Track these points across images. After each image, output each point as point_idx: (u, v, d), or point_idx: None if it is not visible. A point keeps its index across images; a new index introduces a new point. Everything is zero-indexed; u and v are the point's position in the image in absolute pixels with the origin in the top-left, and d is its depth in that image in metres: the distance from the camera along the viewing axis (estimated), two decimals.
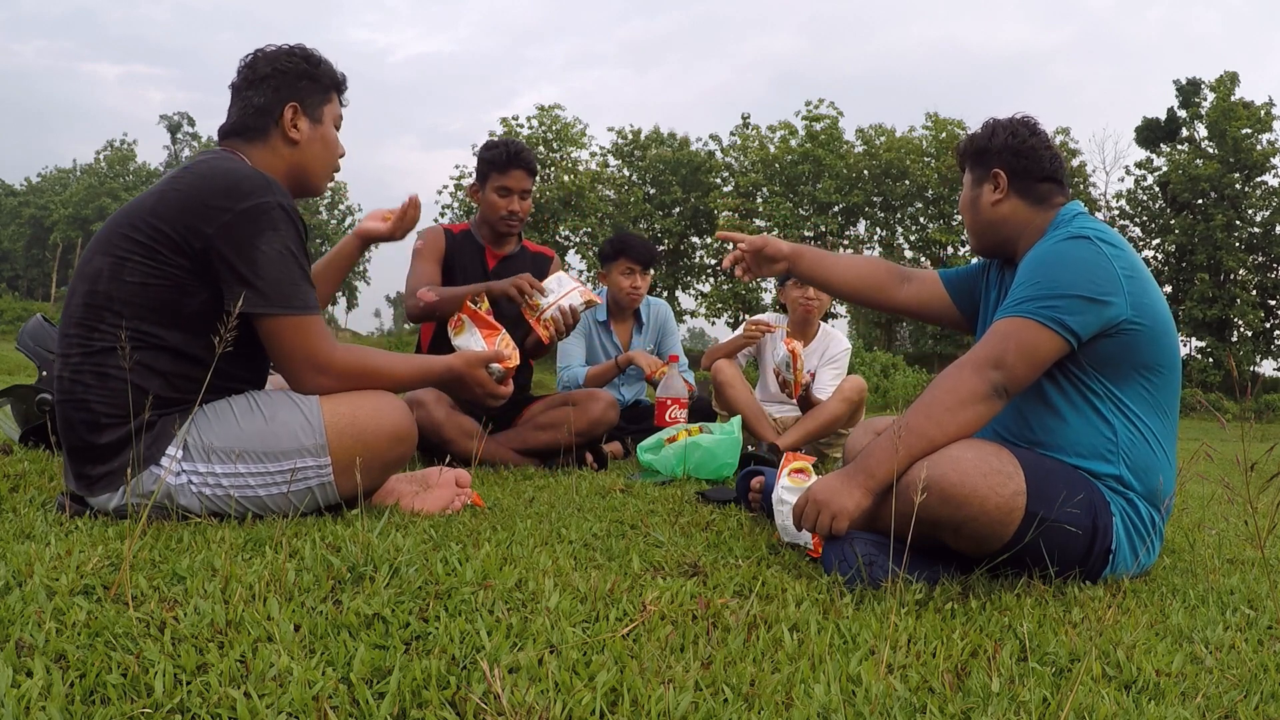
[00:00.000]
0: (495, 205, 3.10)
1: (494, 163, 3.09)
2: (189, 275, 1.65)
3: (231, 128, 1.86)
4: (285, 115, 1.84)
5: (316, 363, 1.72)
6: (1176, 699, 1.09)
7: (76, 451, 1.67)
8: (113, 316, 1.63)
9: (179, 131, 53.90)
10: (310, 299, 1.73)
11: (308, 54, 1.91)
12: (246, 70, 1.87)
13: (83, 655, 0.95)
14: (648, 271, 3.85)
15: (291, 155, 1.87)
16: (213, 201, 1.64)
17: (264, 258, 1.65)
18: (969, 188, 1.92)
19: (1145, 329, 1.63)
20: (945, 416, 1.56)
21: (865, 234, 35.29)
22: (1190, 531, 2.38)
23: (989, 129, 1.89)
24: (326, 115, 1.92)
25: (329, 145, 1.94)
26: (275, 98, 1.84)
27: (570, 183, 33.05)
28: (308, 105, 1.88)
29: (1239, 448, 1.31)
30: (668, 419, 3.33)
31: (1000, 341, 1.61)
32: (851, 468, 1.63)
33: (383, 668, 0.98)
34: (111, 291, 1.64)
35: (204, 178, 1.68)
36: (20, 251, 52.89)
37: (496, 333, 2.37)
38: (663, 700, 0.94)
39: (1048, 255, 1.67)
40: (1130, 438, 1.65)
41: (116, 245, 1.66)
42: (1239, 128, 30.03)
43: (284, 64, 1.86)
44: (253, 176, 1.69)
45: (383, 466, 1.82)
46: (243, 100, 1.85)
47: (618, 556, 1.60)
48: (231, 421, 1.69)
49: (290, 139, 1.86)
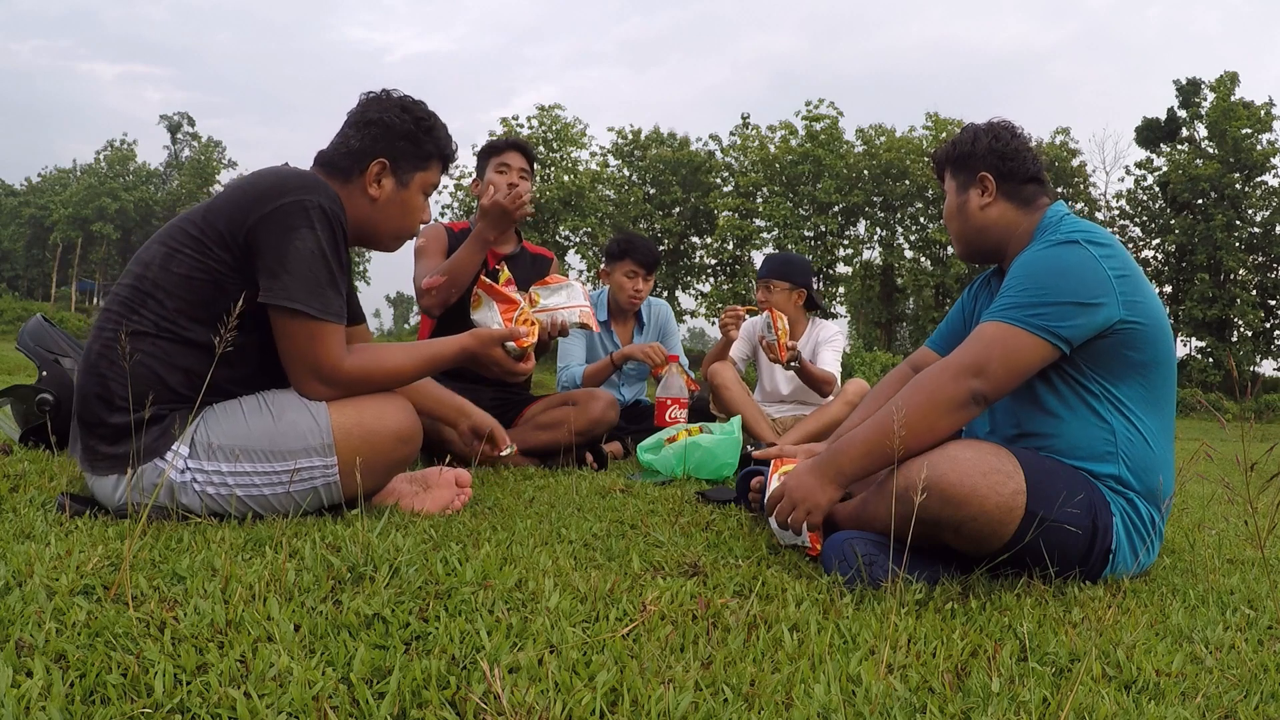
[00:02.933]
0: (494, 182, 3.14)
1: (492, 147, 3.24)
2: (230, 270, 1.67)
3: (326, 158, 1.87)
4: (371, 169, 1.83)
5: (321, 372, 1.71)
6: (1176, 699, 1.09)
7: (87, 426, 1.69)
8: (155, 304, 1.67)
9: (179, 131, 53.91)
10: (333, 306, 1.70)
11: (421, 116, 1.88)
12: (361, 108, 1.88)
13: (83, 655, 0.95)
14: (650, 275, 3.85)
15: (366, 208, 1.86)
16: (259, 196, 1.67)
17: (295, 253, 1.65)
18: (954, 195, 1.91)
19: (1139, 327, 1.63)
20: (919, 422, 1.56)
21: (865, 234, 35.29)
22: (1190, 531, 2.37)
23: (970, 134, 1.89)
24: (416, 182, 1.89)
25: (408, 212, 1.90)
26: (370, 147, 1.84)
27: (570, 183, 33.04)
28: (398, 167, 1.86)
29: (1239, 448, 1.31)
30: (668, 419, 3.33)
31: (984, 348, 1.60)
32: (824, 459, 1.66)
33: (383, 668, 0.98)
34: (158, 279, 1.68)
35: (259, 176, 1.73)
36: (20, 251, 52.87)
37: (514, 307, 2.29)
38: (663, 700, 0.94)
39: (1037, 261, 1.66)
40: (1129, 436, 1.65)
41: (173, 236, 1.71)
42: (1239, 128, 30.04)
43: (392, 117, 1.85)
44: (301, 175, 1.71)
45: (388, 467, 1.83)
46: (344, 135, 1.87)
47: (618, 556, 1.60)
48: (239, 420, 1.70)
49: (369, 194, 1.85)
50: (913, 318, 36.08)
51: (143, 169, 51.53)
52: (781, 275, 3.76)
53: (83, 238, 48.50)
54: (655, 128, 37.25)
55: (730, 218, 32.79)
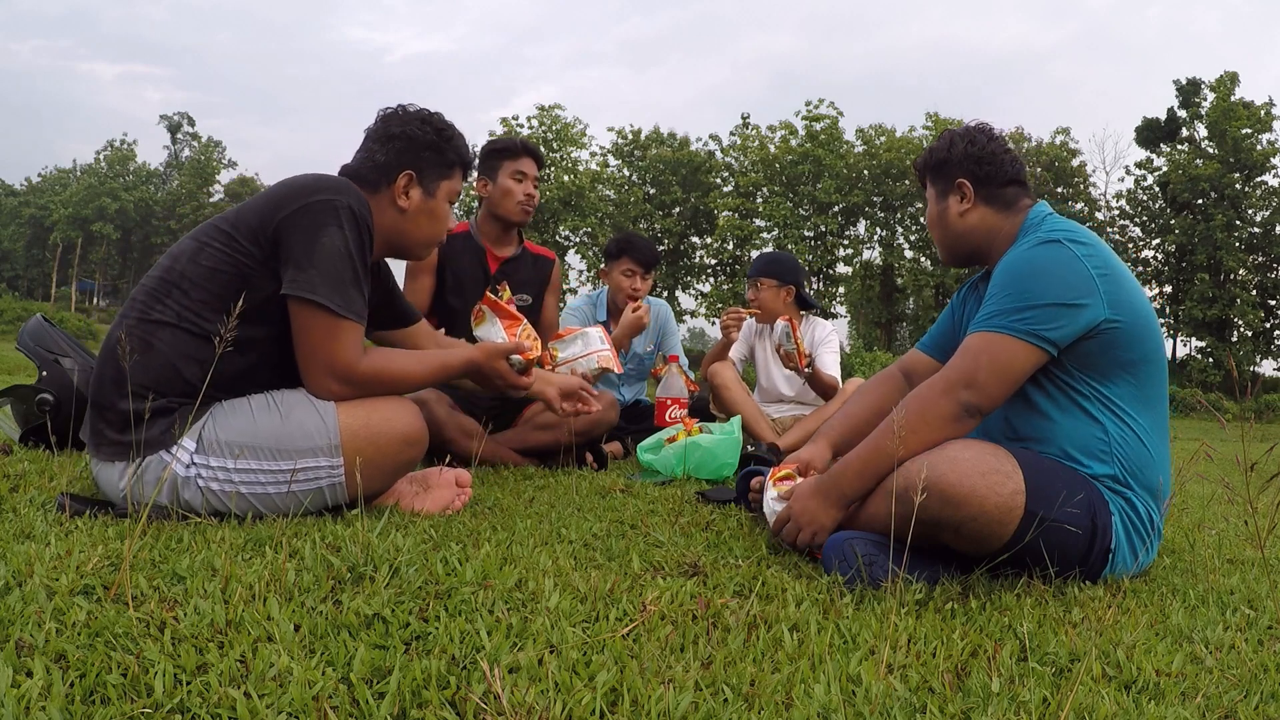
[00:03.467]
0: (512, 191, 3.11)
1: (507, 150, 3.15)
2: (257, 265, 1.70)
3: (352, 172, 1.91)
4: (399, 181, 1.89)
5: (336, 369, 1.73)
6: (1176, 699, 1.09)
7: (99, 409, 1.70)
8: (180, 295, 1.70)
9: (179, 131, 53.95)
10: (355, 304, 1.73)
11: (441, 127, 1.95)
12: (381, 123, 1.93)
13: (83, 655, 0.95)
14: (649, 274, 3.85)
15: (395, 219, 1.92)
16: (292, 193, 1.73)
17: (322, 249, 1.69)
18: (934, 202, 1.91)
19: (1125, 325, 1.62)
20: (914, 440, 1.57)
21: (865, 234, 35.31)
22: (1190, 531, 2.37)
23: (946, 140, 1.89)
24: (441, 191, 1.96)
25: (435, 219, 1.97)
26: (396, 160, 1.89)
27: (570, 183, 33.05)
28: (424, 177, 1.92)
29: (1239, 448, 1.30)
30: (668, 419, 3.33)
31: (972, 359, 1.61)
32: (826, 483, 1.69)
33: (383, 668, 0.98)
34: (186, 271, 1.71)
35: (294, 179, 1.78)
36: (20, 251, 52.90)
37: (518, 323, 2.34)
38: (663, 700, 0.94)
39: (1019, 264, 1.66)
40: (1122, 435, 1.65)
41: (205, 232, 1.75)
42: (1239, 128, 30.06)
43: (415, 130, 1.91)
44: (334, 179, 1.77)
45: (393, 469, 1.83)
46: (367, 150, 1.92)
47: (618, 556, 1.60)
48: (247, 417, 1.70)
49: (399, 205, 1.90)
50: (913, 318, 36.10)
51: (143, 169, 51.55)
52: (769, 273, 3.77)
53: (83, 238, 48.52)
54: (655, 128, 37.29)
55: (730, 218, 32.81)
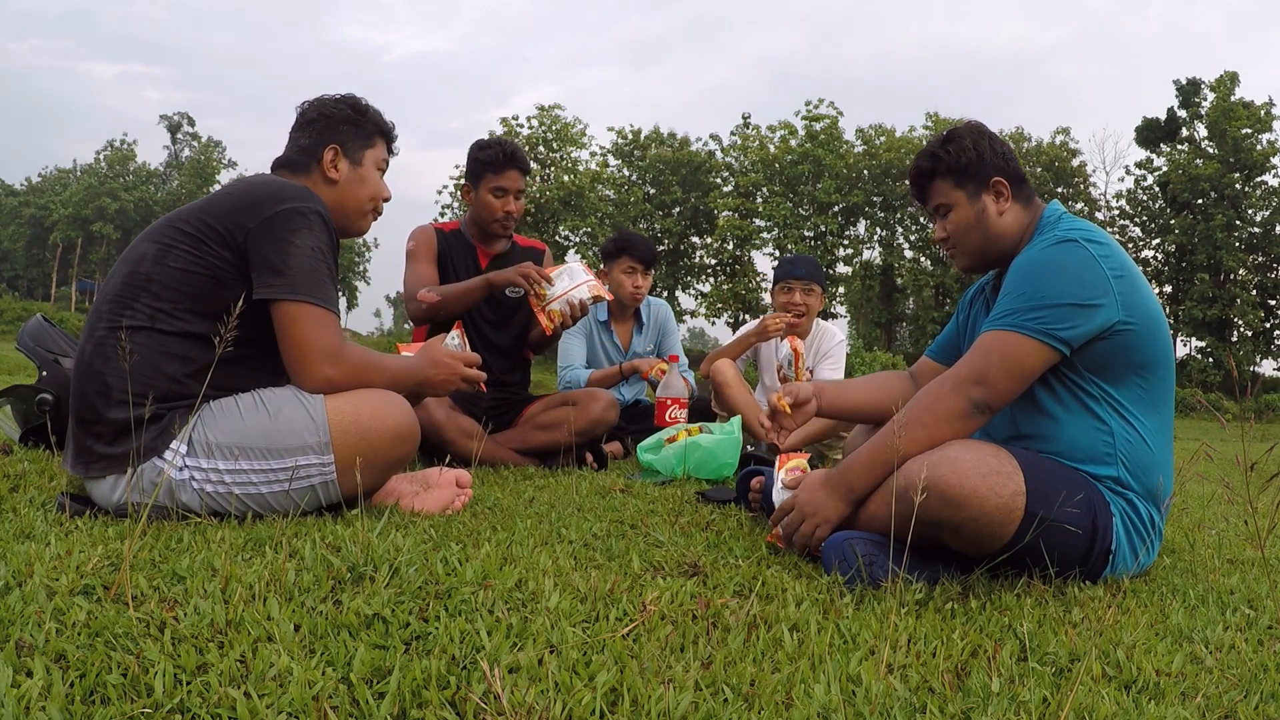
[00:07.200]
0: (491, 207, 3.07)
1: (489, 163, 3.04)
2: (229, 268, 1.74)
3: (284, 161, 2.01)
4: (326, 156, 1.99)
5: (329, 353, 1.76)
6: (1176, 699, 1.09)
7: (84, 424, 1.70)
8: (149, 297, 1.71)
9: (179, 131, 53.94)
10: (332, 298, 1.80)
11: (354, 102, 2.07)
12: (301, 113, 2.05)
13: (83, 655, 0.95)
14: (649, 271, 3.85)
15: (330, 193, 2.00)
16: (259, 201, 1.77)
17: (296, 251, 1.74)
18: (966, 206, 1.79)
19: (1137, 328, 1.62)
20: (922, 435, 1.57)
21: (865, 234, 35.31)
22: (1190, 531, 2.37)
23: (966, 140, 1.79)
24: (368, 159, 2.05)
25: (367, 185, 2.06)
26: (319, 139, 2.00)
27: (570, 183, 33.04)
28: (348, 148, 2.02)
29: (1239, 448, 1.30)
30: (668, 419, 3.33)
31: (984, 356, 1.60)
32: (835, 476, 1.68)
33: (383, 668, 0.98)
34: (153, 274, 1.73)
35: (253, 184, 1.82)
36: (20, 251, 52.89)
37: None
38: (663, 700, 0.94)
39: (1035, 263, 1.65)
40: (1127, 437, 1.65)
41: (164, 234, 1.76)
42: (1239, 128, 30.06)
43: (330, 110, 2.02)
44: (296, 186, 1.84)
45: (385, 465, 1.83)
46: (293, 139, 2.03)
47: (618, 556, 1.60)
48: (236, 418, 1.71)
49: (329, 178, 1.99)
50: (913, 318, 36.10)
51: (143, 169, 51.55)
52: (818, 278, 3.68)
53: (83, 238, 48.50)
54: (655, 128, 37.31)
55: (730, 218, 32.81)
